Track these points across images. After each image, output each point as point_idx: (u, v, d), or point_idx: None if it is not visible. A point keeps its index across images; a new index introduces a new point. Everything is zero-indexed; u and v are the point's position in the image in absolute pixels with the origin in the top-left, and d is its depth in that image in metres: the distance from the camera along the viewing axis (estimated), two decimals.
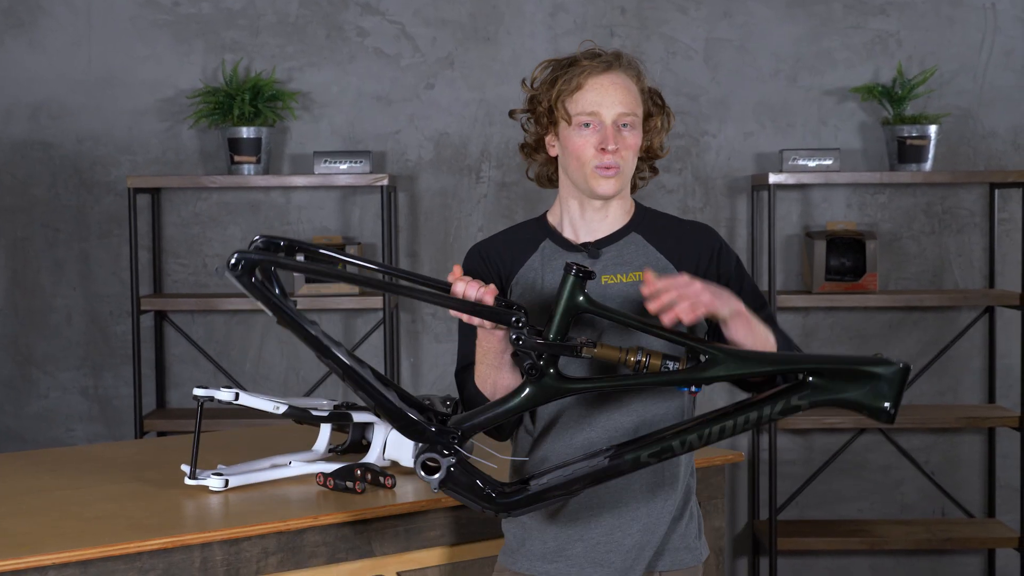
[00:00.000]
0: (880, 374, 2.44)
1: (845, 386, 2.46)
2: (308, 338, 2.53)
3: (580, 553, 2.69)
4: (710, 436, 2.50)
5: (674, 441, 2.51)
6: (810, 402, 2.47)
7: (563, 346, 2.49)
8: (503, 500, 2.56)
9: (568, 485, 2.55)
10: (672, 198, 5.40)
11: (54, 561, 2.60)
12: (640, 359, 2.47)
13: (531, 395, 2.53)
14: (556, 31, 5.36)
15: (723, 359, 2.46)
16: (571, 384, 2.53)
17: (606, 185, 2.67)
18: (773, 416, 2.49)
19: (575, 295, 2.49)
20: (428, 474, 2.54)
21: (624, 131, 2.66)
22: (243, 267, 2.47)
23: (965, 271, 5.43)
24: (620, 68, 2.68)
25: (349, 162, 5.14)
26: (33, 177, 5.38)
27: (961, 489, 5.50)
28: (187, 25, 5.36)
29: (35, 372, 5.43)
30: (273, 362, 5.44)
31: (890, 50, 5.38)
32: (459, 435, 2.55)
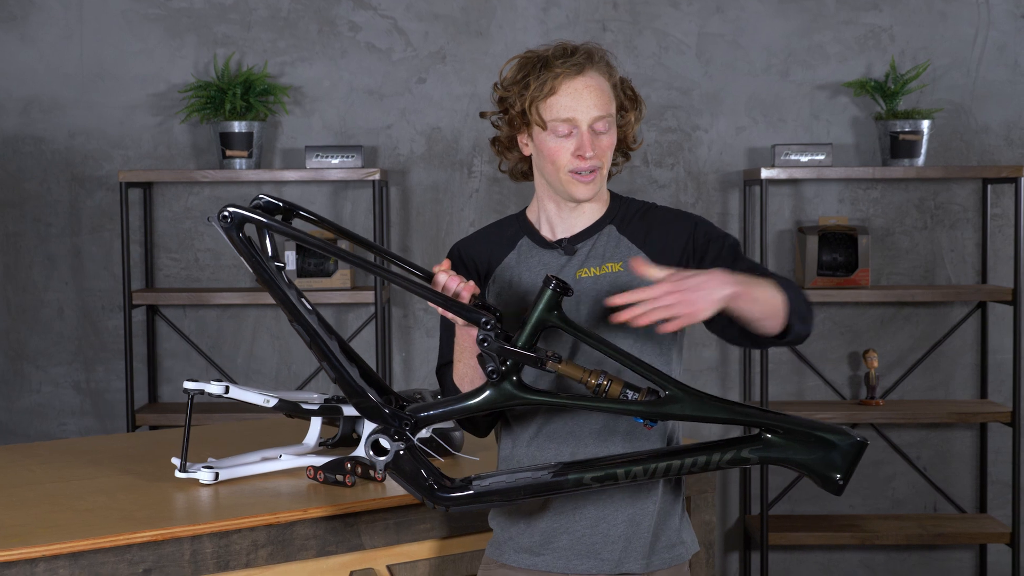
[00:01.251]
0: (836, 444, 2.44)
1: (799, 448, 2.45)
2: (282, 300, 2.58)
3: (566, 545, 2.69)
4: (655, 472, 2.50)
5: (619, 470, 2.50)
6: (760, 457, 2.47)
7: (528, 356, 2.49)
8: (443, 494, 2.56)
9: (508, 492, 2.55)
10: (664, 193, 5.39)
11: (44, 553, 2.60)
12: (601, 383, 2.46)
13: (489, 398, 2.53)
14: (548, 25, 5.35)
15: (682, 398, 2.46)
16: (529, 394, 2.52)
17: (584, 190, 2.65)
18: (721, 464, 2.48)
19: (549, 309, 2.48)
20: (376, 455, 2.56)
21: (600, 135, 2.64)
22: (232, 221, 2.53)
23: (957, 266, 5.43)
24: (592, 67, 2.64)
25: (341, 156, 5.14)
26: (25, 172, 5.38)
27: (953, 484, 5.50)
28: (179, 19, 5.36)
29: (27, 366, 5.42)
30: (265, 356, 5.43)
31: (883, 45, 5.38)
32: (412, 423, 2.57)
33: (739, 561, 5.51)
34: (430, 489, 2.55)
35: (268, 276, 2.56)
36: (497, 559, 2.77)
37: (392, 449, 2.55)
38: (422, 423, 2.57)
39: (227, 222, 2.52)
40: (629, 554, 2.68)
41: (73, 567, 2.63)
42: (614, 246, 2.70)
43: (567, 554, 2.69)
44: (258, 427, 3.87)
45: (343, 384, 2.59)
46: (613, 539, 2.68)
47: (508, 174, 2.81)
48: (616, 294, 2.51)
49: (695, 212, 5.34)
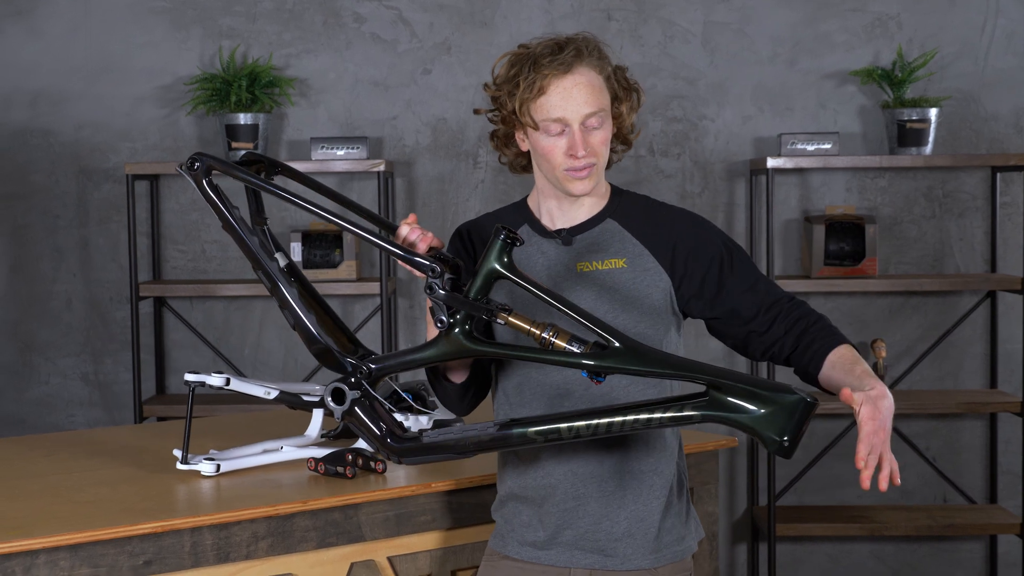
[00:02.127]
0: (780, 402, 2.33)
1: (741, 406, 2.36)
2: (246, 248, 2.72)
3: (570, 541, 2.69)
4: (597, 429, 2.45)
5: (563, 425, 2.48)
6: (702, 415, 2.38)
7: (473, 304, 2.50)
8: (395, 444, 2.62)
9: (455, 445, 2.58)
10: (670, 183, 5.38)
11: (44, 545, 2.60)
12: (547, 336, 2.45)
13: (440, 349, 2.56)
14: (553, 15, 5.34)
15: (621, 352, 2.42)
16: (479, 346, 2.54)
17: (580, 186, 2.64)
18: (664, 422, 2.41)
19: (499, 258, 2.49)
20: (335, 403, 2.65)
21: (593, 132, 2.62)
22: (198, 168, 2.73)
23: (966, 255, 5.41)
24: (582, 63, 2.61)
25: (346, 148, 5.14)
26: (33, 164, 5.39)
27: (962, 475, 5.49)
28: (184, 12, 5.36)
29: (36, 358, 5.43)
30: (272, 348, 5.44)
31: (890, 33, 5.36)
32: (367, 372, 2.64)
33: (747, 552, 5.51)
34: (383, 439, 2.63)
35: (232, 223, 2.73)
36: (500, 551, 2.77)
37: (349, 397, 2.64)
38: (378, 373, 2.65)
39: (194, 169, 2.69)
40: (634, 550, 2.68)
41: (73, 559, 2.64)
42: (617, 241, 2.69)
43: (571, 549, 2.69)
44: (262, 419, 3.87)
45: (301, 330, 2.69)
46: (617, 535, 2.67)
47: (508, 167, 2.81)
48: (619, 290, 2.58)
49: (701, 202, 5.36)
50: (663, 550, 2.70)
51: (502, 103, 2.67)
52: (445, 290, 2.52)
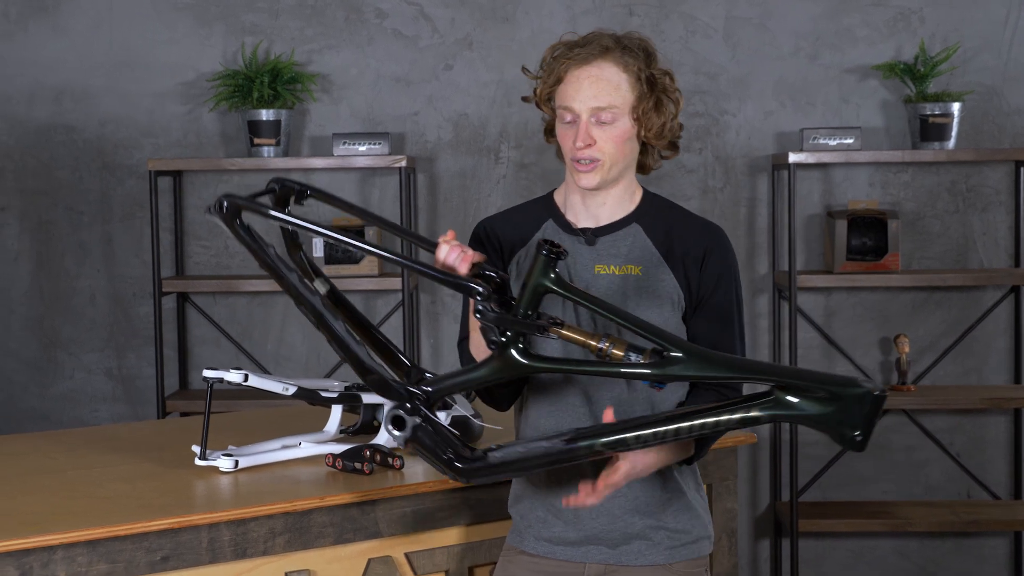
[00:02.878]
0: (849, 397, 2.32)
1: (810, 404, 2.34)
2: (287, 286, 2.63)
3: (584, 537, 2.70)
4: (665, 436, 2.43)
5: (629, 435, 2.45)
6: (770, 415, 2.37)
7: (525, 323, 2.47)
8: (463, 466, 2.55)
9: (523, 462, 2.53)
10: (692, 178, 5.38)
11: (62, 540, 2.61)
12: (604, 346, 2.43)
13: (495, 368, 2.52)
14: (574, 11, 5.34)
15: (686, 359, 2.40)
16: (535, 363, 2.50)
17: (585, 179, 2.66)
18: (731, 425, 2.40)
19: (544, 274, 2.45)
20: (396, 429, 2.57)
21: (602, 126, 2.63)
22: (228, 210, 2.60)
23: (990, 250, 5.39)
24: (603, 58, 2.63)
25: (368, 143, 5.14)
26: (57, 160, 5.41)
27: (986, 471, 5.46)
28: (207, 8, 5.37)
29: (60, 353, 5.46)
30: (294, 343, 5.45)
31: (912, 27, 5.34)
32: (425, 397, 2.57)
33: (769, 548, 5.50)
34: (449, 462, 2.55)
35: (269, 262, 2.63)
36: (517, 546, 2.78)
37: (409, 424, 2.56)
38: (434, 396, 2.58)
39: (222, 211, 2.59)
40: (649, 546, 2.69)
41: (91, 554, 2.65)
42: (638, 248, 2.69)
43: (586, 545, 2.70)
44: (282, 415, 3.88)
45: (353, 363, 2.61)
46: (632, 532, 2.68)
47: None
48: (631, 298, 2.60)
49: (723, 197, 5.35)
50: (678, 547, 2.71)
51: (537, 89, 2.72)
52: (494, 311, 2.48)
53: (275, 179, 2.67)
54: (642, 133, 2.68)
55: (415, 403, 2.57)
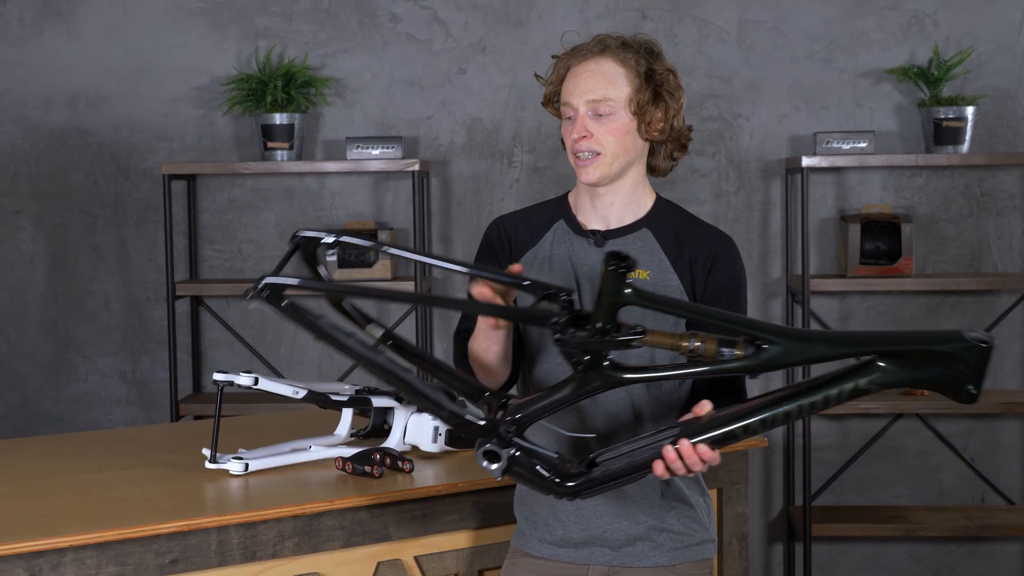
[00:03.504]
0: (955, 353, 2.25)
1: (918, 367, 2.29)
2: (347, 350, 2.51)
3: (588, 539, 2.71)
4: (774, 421, 2.38)
5: (737, 427, 2.39)
6: (879, 385, 2.31)
7: (609, 342, 2.40)
8: (569, 485, 2.48)
9: (633, 469, 2.47)
10: (705, 182, 5.37)
11: (72, 543, 2.62)
12: (695, 345, 2.37)
13: (583, 387, 2.45)
14: (588, 15, 5.34)
15: (783, 344, 2.33)
16: (625, 374, 2.44)
17: (585, 173, 2.67)
18: (841, 399, 2.34)
19: (618, 289, 2.38)
20: (490, 463, 2.48)
21: (599, 118, 2.64)
22: (270, 294, 2.46)
23: (1004, 254, 5.38)
24: (602, 55, 2.66)
25: (381, 147, 5.15)
26: (71, 164, 5.43)
27: (1000, 475, 5.45)
28: (221, 12, 5.39)
29: (74, 356, 5.48)
30: (308, 347, 5.46)
31: (926, 31, 5.33)
32: (513, 428, 2.48)
33: (783, 552, 5.49)
34: (553, 484, 2.49)
35: (326, 333, 2.50)
36: (522, 548, 2.79)
37: (504, 456, 2.47)
38: (524, 425, 2.50)
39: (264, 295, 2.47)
40: (652, 548, 2.69)
41: (100, 557, 2.66)
42: (647, 252, 2.70)
43: (590, 547, 2.71)
44: (293, 418, 3.89)
45: (433, 411, 2.52)
46: (636, 534, 2.69)
47: None
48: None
49: (736, 201, 5.34)
50: (681, 548, 2.72)
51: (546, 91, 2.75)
52: (575, 336, 2.42)
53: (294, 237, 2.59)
54: (643, 128, 2.68)
55: (505, 435, 2.48)
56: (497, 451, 2.47)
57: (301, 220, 5.41)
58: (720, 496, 3.43)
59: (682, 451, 2.40)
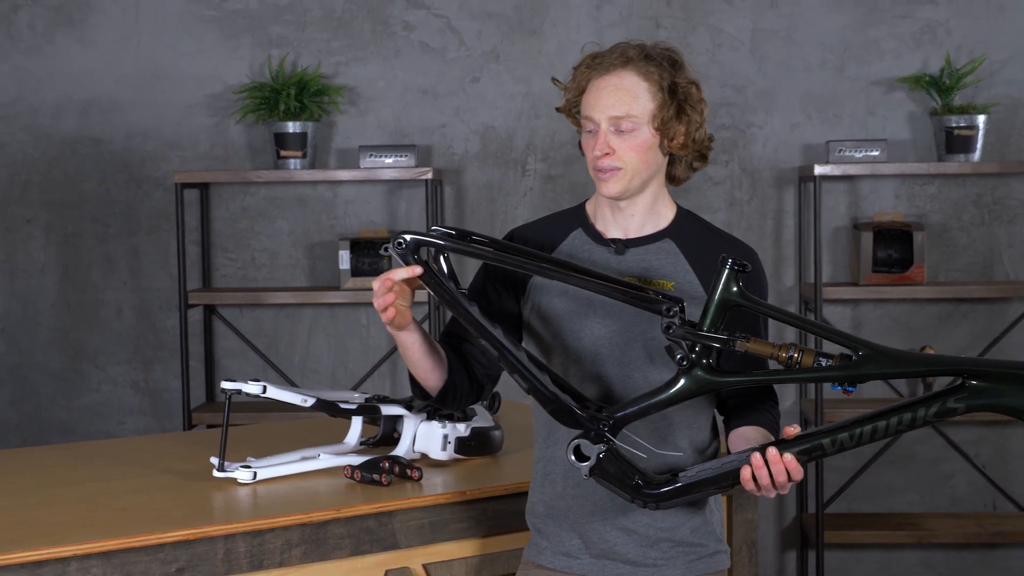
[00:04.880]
0: None
1: (1003, 390, 2.40)
2: (468, 318, 2.60)
3: (601, 551, 2.69)
4: (861, 437, 2.47)
5: (825, 440, 2.48)
6: (967, 405, 2.41)
7: (714, 337, 2.48)
8: (651, 491, 2.54)
9: (718, 480, 2.53)
10: (719, 190, 5.37)
11: (76, 552, 2.63)
12: (793, 355, 2.45)
13: (684, 387, 2.51)
14: (602, 23, 5.34)
15: (876, 358, 2.43)
16: (724, 377, 2.51)
17: (606, 187, 2.65)
18: (928, 418, 2.44)
19: (729, 287, 2.48)
20: (579, 460, 2.53)
21: (621, 134, 2.63)
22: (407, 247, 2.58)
23: (1016, 262, 5.36)
24: (624, 68, 2.63)
25: (395, 156, 5.16)
26: (83, 172, 5.45)
27: (1013, 482, 5.43)
28: (234, 20, 5.40)
29: (86, 365, 5.49)
30: (321, 355, 5.47)
31: (938, 39, 5.32)
32: (610, 424, 2.54)
33: (796, 560, 5.48)
34: (637, 487, 2.54)
35: (450, 297, 2.59)
36: (535, 559, 2.78)
37: (594, 453, 2.52)
38: (620, 423, 2.55)
39: (401, 248, 2.57)
40: (666, 560, 2.68)
41: (105, 566, 2.66)
42: (670, 264, 2.69)
43: (603, 559, 2.70)
44: (304, 427, 3.89)
45: (536, 393, 2.57)
46: (648, 544, 2.68)
47: None
48: None
49: (750, 209, 5.34)
50: (695, 560, 2.70)
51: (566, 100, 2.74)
52: (683, 326, 2.49)
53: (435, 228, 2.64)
54: (665, 143, 2.67)
55: (600, 430, 2.54)
56: (587, 451, 2.53)
57: (314, 229, 5.42)
58: (730, 503, 3.42)
59: (769, 458, 2.47)
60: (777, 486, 2.49)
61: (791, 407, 5.39)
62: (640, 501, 2.55)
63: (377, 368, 5.41)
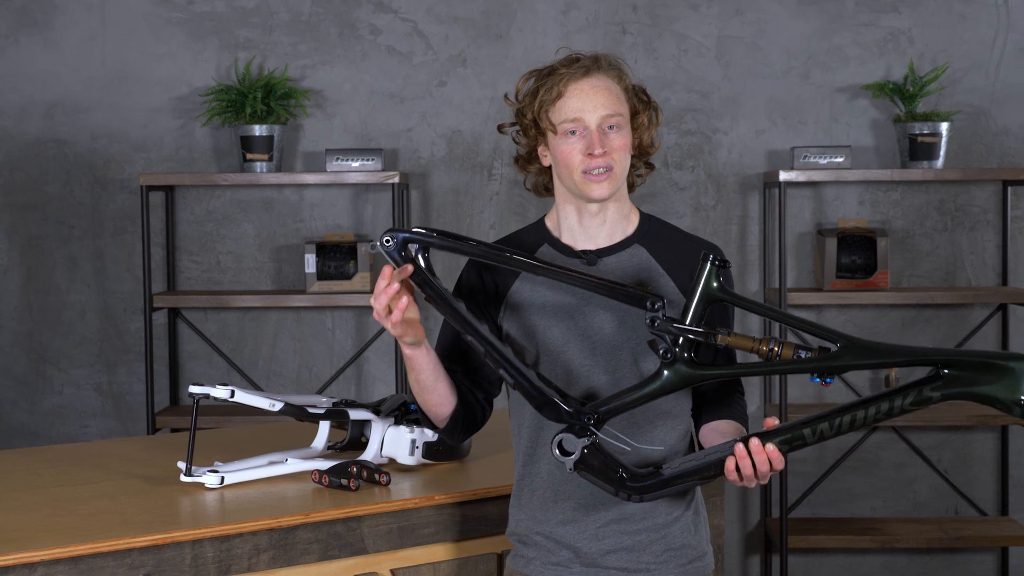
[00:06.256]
0: (1014, 369, 2.43)
1: (978, 378, 2.44)
2: (454, 314, 2.60)
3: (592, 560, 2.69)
4: (841, 425, 2.50)
5: (806, 429, 2.51)
6: (943, 394, 2.46)
7: (696, 331, 2.52)
8: (635, 484, 2.57)
9: (702, 470, 2.56)
10: (684, 195, 5.39)
11: (43, 557, 2.62)
12: (773, 348, 2.49)
13: (668, 380, 2.54)
14: (568, 28, 5.36)
15: (854, 349, 2.47)
16: (706, 370, 2.56)
17: (599, 189, 2.66)
18: (905, 407, 2.48)
19: (711, 283, 2.52)
20: (563, 455, 2.56)
21: (611, 133, 2.65)
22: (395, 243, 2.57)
23: (978, 268, 5.41)
24: (600, 71, 2.67)
25: (361, 159, 5.16)
26: (48, 174, 5.42)
27: (974, 487, 5.48)
28: (201, 23, 5.39)
29: (49, 369, 5.46)
30: (286, 359, 5.46)
31: (902, 47, 5.36)
32: (595, 418, 2.57)
33: (760, 564, 5.50)
34: (621, 480, 2.57)
35: (438, 295, 2.59)
36: (522, 571, 2.76)
37: (578, 447, 2.56)
38: (604, 417, 2.58)
39: (389, 245, 2.56)
40: (658, 565, 2.69)
41: (72, 571, 2.65)
42: (644, 268, 2.71)
43: (595, 568, 2.69)
44: (271, 431, 3.89)
45: (522, 389, 2.59)
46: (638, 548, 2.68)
47: (532, 191, 2.81)
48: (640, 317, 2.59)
49: (715, 215, 5.36)
50: (686, 563, 2.72)
51: (523, 114, 2.72)
52: (668, 320, 2.53)
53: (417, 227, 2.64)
54: (635, 144, 2.71)
55: (585, 423, 2.56)
56: (570, 446, 2.56)
57: (280, 232, 5.41)
58: None
59: (752, 448, 2.50)
60: (759, 476, 2.51)
61: (755, 412, 5.41)
62: (624, 494, 2.57)
63: (342, 372, 5.40)
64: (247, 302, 5.20)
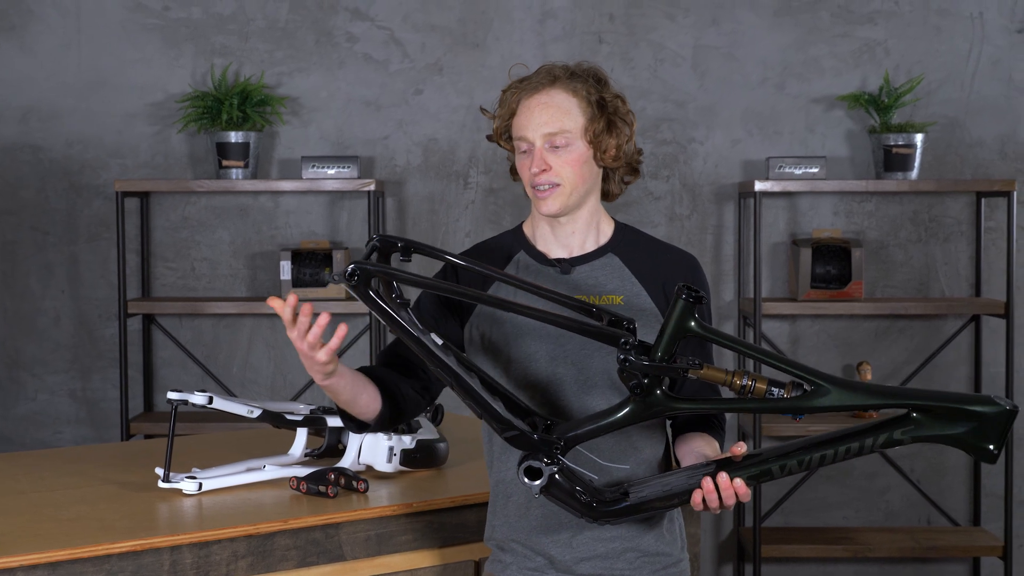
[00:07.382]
0: (985, 414, 2.43)
1: (948, 424, 2.44)
2: (420, 346, 2.55)
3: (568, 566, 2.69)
4: (810, 463, 2.50)
5: (774, 465, 2.50)
6: (912, 437, 2.46)
7: (668, 368, 2.48)
8: (603, 509, 2.56)
9: (667, 498, 2.55)
10: (659, 205, 5.41)
11: (22, 563, 2.61)
12: (746, 383, 2.46)
13: (634, 411, 2.52)
14: (544, 37, 5.37)
15: (829, 390, 2.46)
16: (677, 403, 2.52)
17: (545, 205, 2.67)
18: (874, 448, 2.48)
19: (685, 318, 2.47)
20: (530, 480, 2.55)
21: (557, 151, 2.65)
22: (358, 279, 2.49)
23: (951, 279, 5.44)
24: (552, 86, 2.67)
25: (337, 167, 5.16)
26: (22, 180, 5.40)
27: (946, 497, 5.50)
28: (177, 29, 5.38)
29: (23, 375, 5.44)
30: (260, 366, 5.45)
31: (877, 59, 5.39)
32: (562, 445, 2.55)
33: (733, 573, 5.52)
34: (588, 505, 2.56)
35: (401, 326, 2.54)
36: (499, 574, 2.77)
37: (546, 473, 2.53)
38: (571, 443, 2.56)
39: (354, 280, 2.48)
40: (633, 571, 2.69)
41: None
42: (617, 277, 2.71)
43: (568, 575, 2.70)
44: (248, 437, 3.88)
45: (489, 419, 2.57)
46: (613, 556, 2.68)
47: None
48: None
49: (690, 225, 5.38)
50: (661, 570, 2.72)
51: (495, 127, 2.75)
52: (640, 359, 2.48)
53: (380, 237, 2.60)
54: (598, 156, 2.70)
55: (553, 452, 2.55)
56: (540, 468, 2.54)
57: (255, 239, 5.40)
58: None
59: (720, 484, 2.49)
60: (725, 507, 2.52)
61: (730, 419, 5.42)
62: (590, 518, 2.57)
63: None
64: (222, 309, 5.19)
